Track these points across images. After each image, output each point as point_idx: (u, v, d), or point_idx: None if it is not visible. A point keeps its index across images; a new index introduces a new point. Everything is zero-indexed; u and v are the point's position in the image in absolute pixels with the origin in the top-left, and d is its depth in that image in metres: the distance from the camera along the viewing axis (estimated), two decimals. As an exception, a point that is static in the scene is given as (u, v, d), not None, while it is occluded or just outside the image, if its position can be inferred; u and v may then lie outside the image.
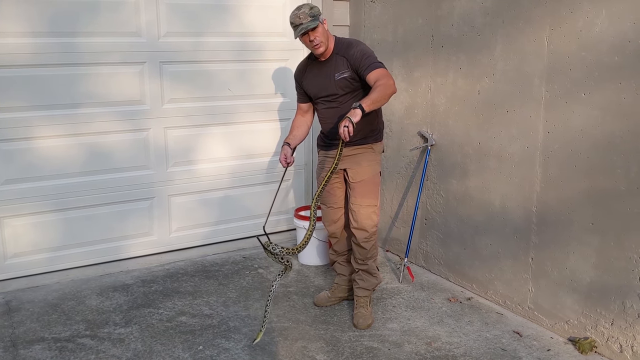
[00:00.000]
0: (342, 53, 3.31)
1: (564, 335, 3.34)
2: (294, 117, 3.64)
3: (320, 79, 3.40)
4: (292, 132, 3.56)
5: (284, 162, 3.38)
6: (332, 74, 3.33)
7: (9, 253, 3.97)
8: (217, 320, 3.53)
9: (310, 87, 3.46)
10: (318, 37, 3.22)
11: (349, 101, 3.32)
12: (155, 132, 4.29)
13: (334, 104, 3.38)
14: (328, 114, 3.43)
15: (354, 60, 3.26)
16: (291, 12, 3.25)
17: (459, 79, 3.83)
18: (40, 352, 3.18)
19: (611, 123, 2.97)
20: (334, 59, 3.34)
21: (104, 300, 3.78)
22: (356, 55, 3.26)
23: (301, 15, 3.17)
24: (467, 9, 3.71)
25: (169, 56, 4.24)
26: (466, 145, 3.83)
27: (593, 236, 3.12)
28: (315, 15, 3.19)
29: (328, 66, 3.35)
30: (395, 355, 3.18)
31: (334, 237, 3.68)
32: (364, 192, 3.41)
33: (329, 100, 3.39)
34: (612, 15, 2.91)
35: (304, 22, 3.17)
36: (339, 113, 3.34)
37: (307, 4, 3.24)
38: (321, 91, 3.40)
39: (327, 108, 3.42)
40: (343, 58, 3.30)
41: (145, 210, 4.37)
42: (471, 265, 3.90)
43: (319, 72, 3.40)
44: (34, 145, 3.93)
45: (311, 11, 3.19)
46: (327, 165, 3.50)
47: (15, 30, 3.74)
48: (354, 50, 3.29)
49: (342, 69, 3.30)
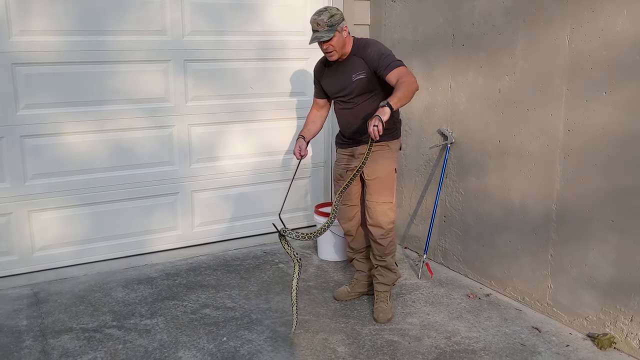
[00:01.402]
0: (359, 54, 3.35)
1: (582, 331, 3.37)
2: (309, 111, 3.69)
3: (337, 79, 3.44)
4: (307, 126, 3.61)
5: (298, 155, 3.45)
6: (349, 75, 3.37)
7: (36, 246, 4.07)
8: (239, 313, 3.61)
9: (328, 85, 3.52)
10: (331, 47, 3.26)
11: (365, 102, 3.38)
12: (179, 129, 4.37)
13: (350, 105, 3.43)
14: (344, 113, 3.48)
15: (371, 60, 3.29)
16: (313, 13, 3.28)
17: (480, 78, 3.87)
18: (69, 341, 3.27)
19: (632, 121, 3.00)
20: (351, 60, 3.38)
21: (130, 293, 3.86)
22: (373, 55, 3.29)
23: (319, 22, 3.21)
24: (488, 8, 3.75)
25: (193, 54, 4.32)
26: (486, 143, 3.87)
27: (613, 233, 3.15)
28: (333, 25, 3.21)
29: (345, 67, 3.39)
30: (415, 348, 3.23)
31: (349, 234, 3.72)
32: (379, 189, 3.46)
33: (345, 100, 3.44)
34: (633, 15, 2.94)
35: (320, 31, 3.21)
36: (355, 114, 3.41)
37: (329, 10, 3.25)
38: (338, 91, 3.45)
39: (342, 108, 3.48)
40: (360, 59, 3.34)
41: (169, 206, 4.45)
42: (490, 262, 3.94)
43: (336, 72, 3.45)
44: (62, 140, 4.02)
45: (330, 19, 3.20)
46: (344, 162, 3.57)
47: (43, 28, 3.83)
48: (370, 50, 3.32)
49: (359, 69, 3.34)
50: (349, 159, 3.56)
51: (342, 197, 3.26)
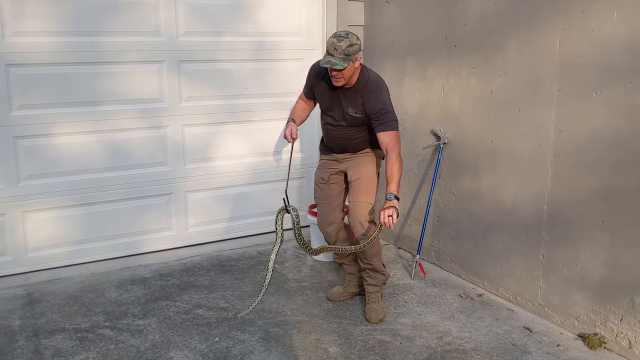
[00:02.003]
0: (362, 93, 3.27)
1: (573, 331, 3.39)
2: (296, 102, 3.64)
3: (332, 101, 3.40)
4: (296, 112, 3.55)
5: (290, 137, 3.38)
6: (345, 107, 3.34)
7: (30, 246, 4.08)
8: (232, 313, 3.62)
9: (321, 99, 3.49)
10: (340, 75, 3.17)
11: (354, 129, 3.40)
12: (173, 130, 4.38)
13: (337, 128, 3.45)
14: (331, 131, 3.50)
15: (371, 110, 3.25)
16: (334, 33, 3.17)
17: (472, 79, 3.88)
18: (62, 341, 3.28)
19: (622, 122, 3.02)
20: (352, 93, 3.30)
21: (123, 293, 3.87)
22: (374, 106, 3.24)
23: (337, 48, 3.07)
24: (481, 9, 3.76)
25: (187, 55, 4.33)
26: (478, 144, 3.88)
27: (603, 233, 3.17)
28: (350, 55, 3.10)
29: (344, 97, 3.33)
30: (406, 348, 3.24)
31: (329, 238, 3.68)
32: (360, 189, 3.48)
33: (333, 123, 3.45)
34: (623, 17, 2.96)
35: (335, 57, 3.09)
36: (342, 136, 3.45)
37: (349, 38, 3.12)
38: (329, 110, 3.44)
39: (330, 126, 3.48)
40: (361, 99, 3.28)
41: (163, 206, 4.46)
42: (482, 262, 3.96)
43: (333, 94, 3.37)
44: (56, 141, 4.03)
45: (349, 49, 3.08)
46: (328, 167, 3.60)
47: (37, 29, 3.84)
48: (373, 99, 3.26)
49: (356, 108, 3.31)
50: (334, 163, 3.59)
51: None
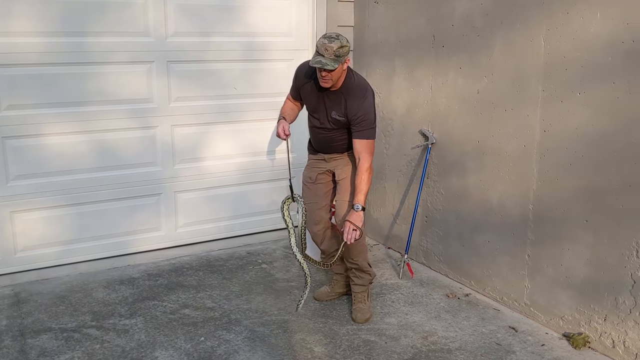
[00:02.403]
0: (347, 97, 3.29)
1: (559, 330, 3.39)
2: (284, 103, 3.63)
3: (317, 103, 3.42)
4: (286, 111, 3.55)
5: (283, 135, 3.36)
6: (329, 109, 3.36)
7: (19, 246, 4.08)
8: (219, 313, 3.62)
9: (307, 101, 3.50)
10: (329, 76, 3.18)
11: (338, 131, 3.42)
12: (163, 130, 4.39)
13: (322, 130, 3.47)
14: (317, 132, 3.52)
15: (352, 115, 3.28)
16: (324, 35, 3.18)
17: (459, 79, 3.89)
18: (47, 341, 3.29)
19: (605, 122, 3.02)
20: (337, 96, 3.32)
21: (111, 293, 3.88)
22: (356, 112, 3.27)
23: (328, 49, 3.08)
24: (467, 9, 3.77)
25: (176, 55, 4.33)
26: (466, 144, 3.89)
27: (587, 233, 3.17)
28: (341, 56, 3.12)
29: (328, 99, 3.35)
30: (391, 348, 3.25)
31: (316, 237, 3.68)
32: (346, 188, 3.48)
33: (318, 125, 3.47)
34: (606, 17, 2.96)
35: (326, 57, 3.09)
36: (328, 137, 3.48)
37: (340, 39, 3.13)
38: (315, 112, 3.46)
39: (316, 127, 3.49)
40: (345, 102, 3.30)
41: (153, 206, 4.46)
42: (470, 262, 3.96)
43: (319, 96, 3.39)
44: (44, 141, 4.03)
45: (339, 50, 3.10)
46: (316, 166, 3.61)
47: (26, 29, 3.84)
48: (357, 104, 3.28)
49: (339, 112, 3.33)
50: (321, 162, 3.60)
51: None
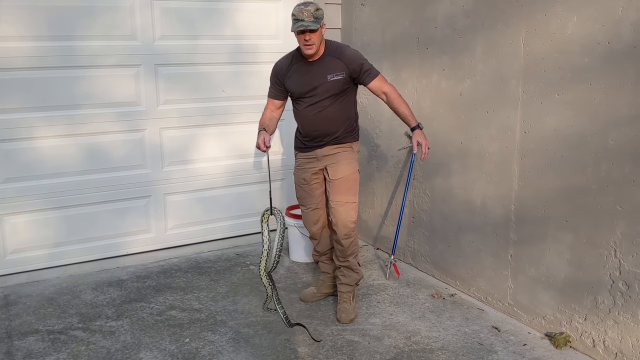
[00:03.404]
0: (336, 55, 3.39)
1: (541, 330, 3.42)
2: (263, 113, 3.61)
3: (308, 79, 3.43)
4: (265, 122, 3.51)
5: (264, 146, 3.30)
6: (323, 75, 3.39)
7: (9, 249, 4.12)
8: (205, 314, 3.65)
9: (295, 86, 3.48)
10: (313, 39, 3.28)
11: (333, 104, 3.42)
12: (151, 133, 4.42)
13: (318, 107, 3.44)
14: (309, 115, 3.46)
15: (353, 65, 3.38)
16: (297, 4, 3.29)
17: (443, 81, 3.91)
18: (34, 343, 3.32)
19: (582, 123, 3.05)
20: (325, 60, 3.40)
21: (99, 295, 3.91)
22: (354, 59, 3.39)
23: (305, 13, 3.21)
24: (450, 11, 3.79)
25: (164, 59, 4.37)
26: (449, 146, 3.91)
27: (567, 233, 3.20)
28: (319, 18, 3.25)
29: (318, 67, 3.41)
30: (374, 348, 3.27)
31: (314, 238, 3.76)
32: (343, 189, 3.49)
33: (313, 102, 3.44)
34: (582, 19, 2.99)
35: (307, 20, 3.20)
36: (323, 115, 3.44)
37: (314, 4, 3.28)
38: (307, 91, 3.44)
39: (309, 106, 3.45)
40: (338, 60, 3.38)
41: (142, 209, 4.50)
42: (455, 262, 3.99)
43: (307, 72, 3.43)
44: (34, 145, 4.07)
45: (316, 12, 3.24)
46: (308, 166, 3.58)
47: (14, 34, 3.88)
48: (350, 54, 3.40)
49: (337, 70, 3.38)
50: (313, 162, 3.58)
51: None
